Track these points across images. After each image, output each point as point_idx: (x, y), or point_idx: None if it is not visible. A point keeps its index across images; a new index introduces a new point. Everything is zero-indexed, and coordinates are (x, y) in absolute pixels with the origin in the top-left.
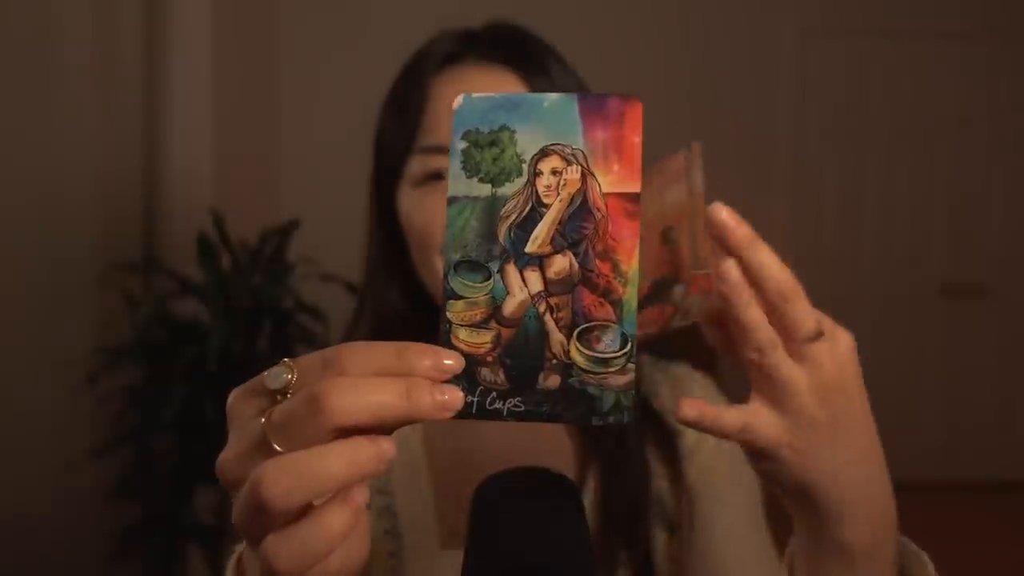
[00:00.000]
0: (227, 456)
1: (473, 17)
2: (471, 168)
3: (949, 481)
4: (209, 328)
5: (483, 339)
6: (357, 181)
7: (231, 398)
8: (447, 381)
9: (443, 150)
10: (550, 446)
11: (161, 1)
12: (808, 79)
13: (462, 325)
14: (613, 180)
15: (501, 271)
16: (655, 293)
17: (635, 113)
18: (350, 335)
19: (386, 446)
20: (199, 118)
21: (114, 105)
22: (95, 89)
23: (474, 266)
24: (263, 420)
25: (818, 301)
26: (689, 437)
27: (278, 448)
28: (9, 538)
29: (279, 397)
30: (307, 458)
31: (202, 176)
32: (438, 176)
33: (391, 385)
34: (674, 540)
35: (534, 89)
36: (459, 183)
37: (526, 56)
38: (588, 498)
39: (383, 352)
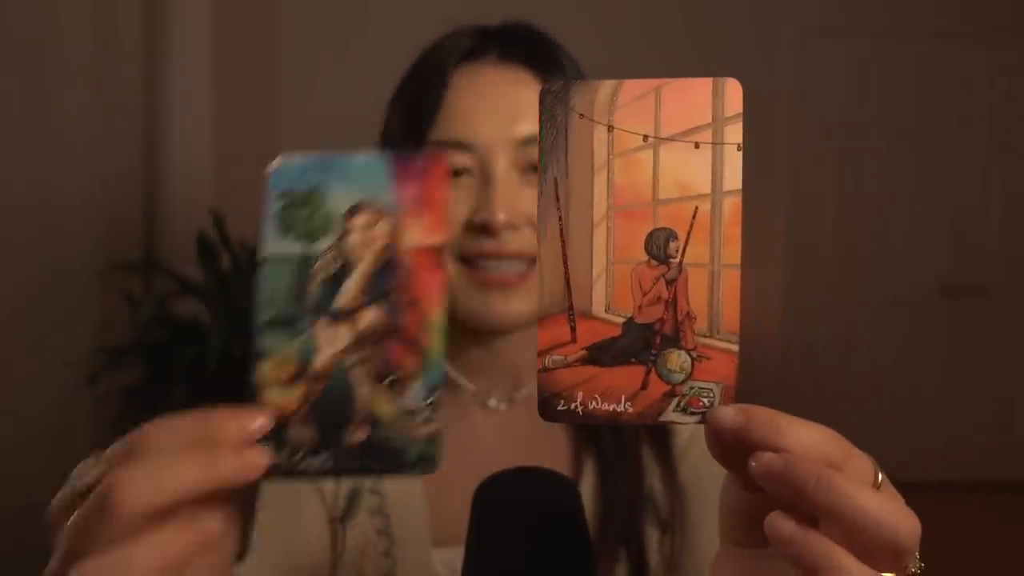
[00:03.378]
0: (46, 572)
1: (475, 18)
2: (285, 227)
3: (949, 481)
4: (209, 328)
5: (292, 396)
6: None
7: (51, 505)
8: (258, 441)
9: (459, 145)
10: (545, 444)
11: (161, 1)
12: (808, 79)
13: (272, 385)
14: (420, 233)
15: (312, 326)
16: (631, 343)
17: (441, 169)
18: None
19: (208, 527)
20: (199, 118)
21: (114, 105)
22: (95, 89)
23: (286, 323)
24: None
25: (819, 301)
26: (682, 436)
27: (85, 557)
28: (9, 538)
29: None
30: (110, 562)
31: (202, 176)
32: (453, 172)
33: (190, 458)
34: (666, 539)
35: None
36: (272, 243)
37: (543, 56)
38: (584, 495)
39: (187, 424)
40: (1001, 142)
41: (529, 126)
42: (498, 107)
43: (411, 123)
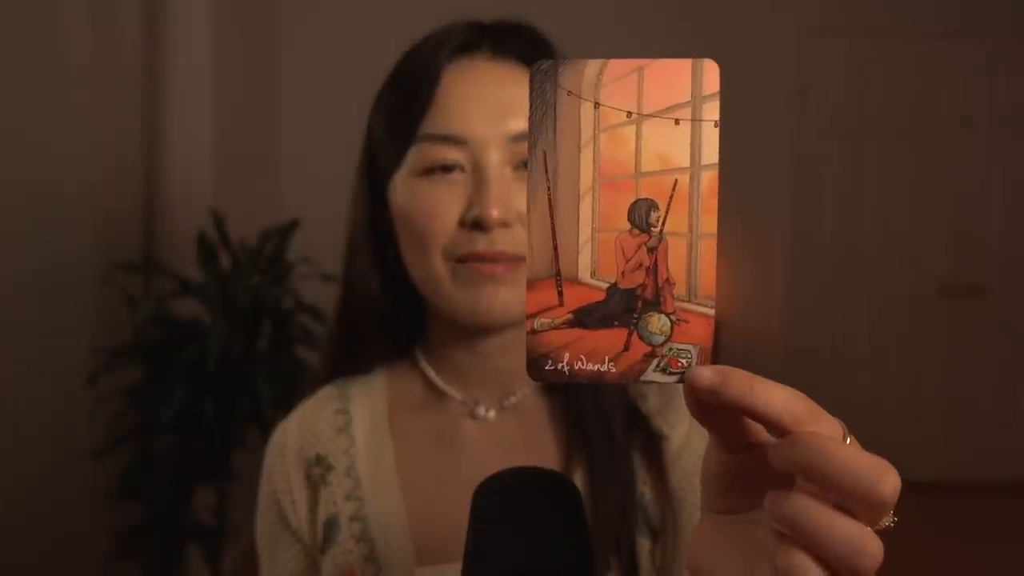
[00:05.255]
0: None
1: (475, 17)
2: None
3: (949, 481)
4: (209, 328)
5: None
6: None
7: None
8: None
9: (450, 139)
10: (533, 451)
11: (161, 1)
12: (808, 79)
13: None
14: None
15: None
16: (614, 307)
17: None
18: (336, 326)
19: None
20: (199, 118)
21: (114, 105)
22: (95, 89)
23: None
24: None
25: (818, 301)
26: (675, 442)
27: None
28: (9, 537)
29: None
30: None
31: (202, 176)
32: (443, 167)
33: None
34: (657, 548)
35: None
36: None
37: (536, 52)
38: None
39: None
40: (1001, 142)
41: (522, 122)
42: (491, 102)
43: (401, 117)
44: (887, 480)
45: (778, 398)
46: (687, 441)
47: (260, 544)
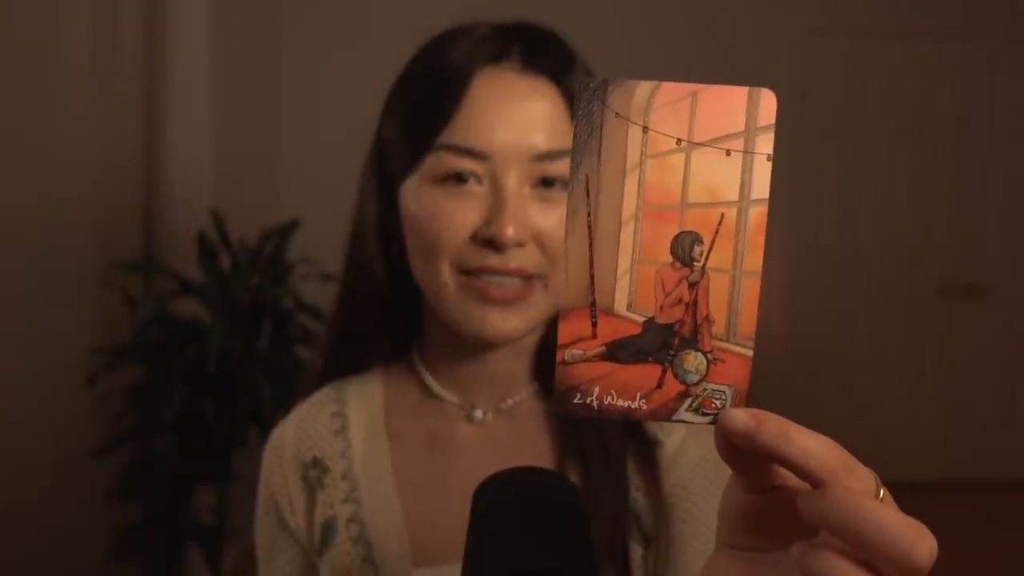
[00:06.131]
0: None
1: (478, 17)
2: None
3: (949, 481)
4: (209, 328)
5: None
6: (357, 181)
7: None
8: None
9: (472, 152)
10: (529, 455)
11: (161, 1)
12: (808, 79)
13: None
14: None
15: None
16: (650, 342)
17: None
18: (335, 321)
19: None
20: (199, 118)
21: (114, 105)
22: (95, 89)
23: None
24: None
25: (818, 301)
26: (669, 448)
27: None
28: (9, 537)
29: None
30: None
31: (202, 176)
32: (459, 177)
33: None
34: (650, 554)
35: (570, 101)
36: None
37: (563, 65)
38: None
39: None
40: (1001, 142)
41: (544, 140)
42: (517, 118)
43: (421, 122)
44: (922, 544)
45: (814, 448)
46: (681, 447)
47: (259, 546)
